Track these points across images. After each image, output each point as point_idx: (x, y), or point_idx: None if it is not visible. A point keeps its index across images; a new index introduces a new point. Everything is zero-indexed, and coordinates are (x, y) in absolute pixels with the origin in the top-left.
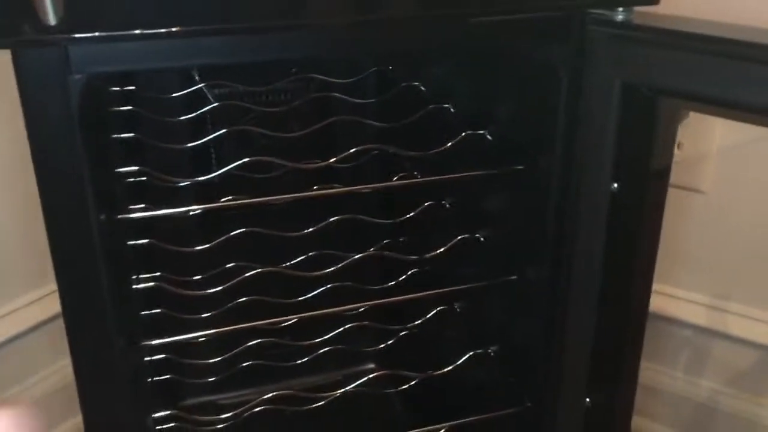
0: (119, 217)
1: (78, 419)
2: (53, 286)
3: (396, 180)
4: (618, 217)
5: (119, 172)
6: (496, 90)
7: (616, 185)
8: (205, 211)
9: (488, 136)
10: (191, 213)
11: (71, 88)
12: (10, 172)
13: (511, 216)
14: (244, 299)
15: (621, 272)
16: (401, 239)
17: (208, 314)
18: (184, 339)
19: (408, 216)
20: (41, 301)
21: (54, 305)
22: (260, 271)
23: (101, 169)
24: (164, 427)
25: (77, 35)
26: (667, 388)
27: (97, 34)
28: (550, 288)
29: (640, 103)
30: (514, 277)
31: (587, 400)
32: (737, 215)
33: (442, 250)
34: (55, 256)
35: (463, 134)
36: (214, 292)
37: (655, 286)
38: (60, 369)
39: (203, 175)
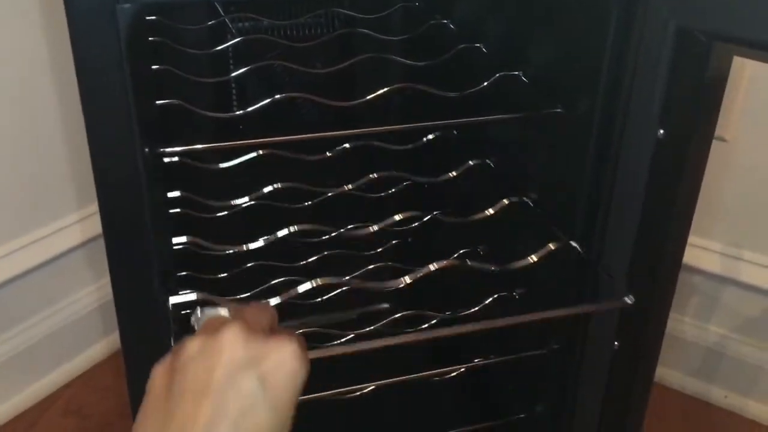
0: (162, 150)
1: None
2: (94, 207)
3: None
4: (661, 164)
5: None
6: (532, 28)
7: (662, 132)
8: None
9: (523, 78)
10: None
11: (119, 17)
12: (59, 91)
13: (546, 163)
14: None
15: (659, 221)
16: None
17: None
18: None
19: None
20: (84, 221)
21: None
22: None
23: (144, 101)
24: None
25: None
26: (673, 332)
27: None
28: (584, 239)
29: (694, 48)
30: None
31: (615, 343)
32: (758, 164)
33: (489, 212)
34: (98, 181)
35: (497, 75)
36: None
37: None
38: (101, 287)
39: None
